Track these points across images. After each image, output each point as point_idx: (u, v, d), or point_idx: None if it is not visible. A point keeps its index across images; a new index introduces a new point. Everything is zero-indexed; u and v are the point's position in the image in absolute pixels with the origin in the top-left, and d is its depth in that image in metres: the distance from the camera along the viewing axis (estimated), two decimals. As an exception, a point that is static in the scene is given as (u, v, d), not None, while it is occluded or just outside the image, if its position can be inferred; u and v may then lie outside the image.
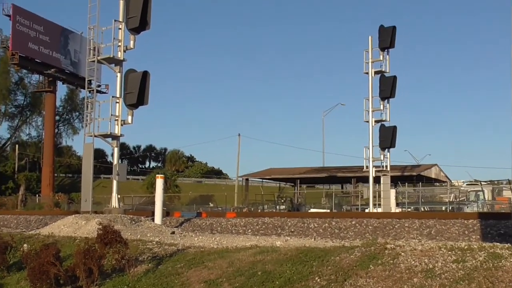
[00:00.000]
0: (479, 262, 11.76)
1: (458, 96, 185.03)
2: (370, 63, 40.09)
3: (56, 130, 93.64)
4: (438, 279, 11.38)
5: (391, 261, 12.38)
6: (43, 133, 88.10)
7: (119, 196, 28.46)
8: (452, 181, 68.60)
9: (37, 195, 73.57)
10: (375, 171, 40.09)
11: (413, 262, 12.22)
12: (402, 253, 12.67)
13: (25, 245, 19.61)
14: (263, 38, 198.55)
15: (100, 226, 15.44)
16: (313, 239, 18.92)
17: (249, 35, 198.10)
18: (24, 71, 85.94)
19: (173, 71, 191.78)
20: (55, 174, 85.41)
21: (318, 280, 12.39)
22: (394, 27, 40.51)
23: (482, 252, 12.21)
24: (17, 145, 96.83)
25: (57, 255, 15.19)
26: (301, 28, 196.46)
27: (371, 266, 12.36)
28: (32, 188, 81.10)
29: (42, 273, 14.86)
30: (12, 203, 65.30)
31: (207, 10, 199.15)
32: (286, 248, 15.36)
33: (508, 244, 13.18)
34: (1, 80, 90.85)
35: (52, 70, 75.69)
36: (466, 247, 12.75)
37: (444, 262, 12.00)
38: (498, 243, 13.57)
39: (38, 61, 74.72)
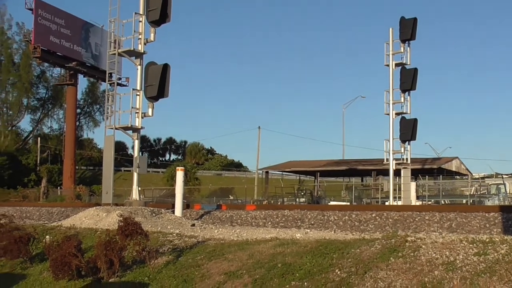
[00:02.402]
0: (500, 255, 11.70)
1: (479, 88, 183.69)
2: (390, 55, 39.86)
3: (77, 123, 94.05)
4: (459, 271, 11.33)
5: (412, 254, 12.35)
6: (65, 126, 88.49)
7: (139, 188, 28.56)
8: (473, 174, 68.14)
9: (58, 188, 73.93)
10: (396, 164, 39.87)
11: (434, 254, 12.18)
12: (423, 246, 12.63)
13: (47, 236, 19.77)
14: (283, 29, 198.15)
15: (121, 218, 15.53)
16: (333, 232, 18.89)
17: (270, 26, 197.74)
18: (46, 64, 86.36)
19: (193, 63, 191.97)
20: (76, 167, 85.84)
21: (339, 272, 12.38)
22: (415, 19, 40.23)
23: (504, 245, 12.14)
24: (39, 138, 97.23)
25: (78, 246, 15.30)
26: (322, 20, 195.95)
27: (391, 258, 12.33)
28: (54, 181, 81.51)
29: (64, 264, 14.97)
30: (34, 195, 65.79)
31: (226, 2, 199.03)
32: (306, 240, 15.36)
33: (531, 237, 13.10)
34: (24, 73, 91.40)
35: (73, 63, 76.01)
36: (487, 240, 12.69)
37: (465, 255, 11.95)
38: (519, 236, 13.48)
39: (60, 54, 75.04)
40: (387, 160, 39.96)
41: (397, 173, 40.49)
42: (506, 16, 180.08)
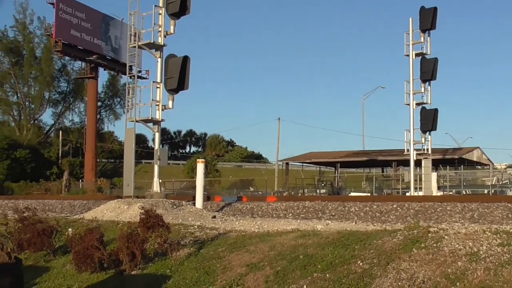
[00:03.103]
0: (525, 245, 11.57)
1: (500, 78, 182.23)
2: (410, 45, 39.72)
3: (98, 116, 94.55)
4: (483, 262, 11.25)
5: (435, 245, 12.27)
6: (86, 119, 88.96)
7: (160, 180, 28.67)
8: (495, 164, 67.80)
9: (80, 180, 74.44)
10: (416, 154, 39.78)
11: (457, 245, 12.10)
12: (446, 237, 12.56)
13: (69, 229, 19.89)
14: (302, 20, 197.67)
15: (143, 211, 15.59)
16: (354, 223, 18.84)
17: (288, 18, 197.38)
18: (67, 58, 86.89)
19: (213, 55, 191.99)
20: (98, 160, 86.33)
21: (361, 263, 12.34)
22: (435, 8, 40.06)
23: (528, 236, 12.02)
24: (60, 131, 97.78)
25: (100, 239, 15.38)
26: (342, 12, 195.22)
27: (414, 249, 12.27)
28: (76, 174, 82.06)
29: (87, 257, 15.05)
30: (56, 188, 66.30)
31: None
32: (327, 231, 15.34)
33: (555, 227, 13.01)
34: (45, 67, 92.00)
35: (94, 56, 76.41)
36: (511, 230, 12.59)
37: (489, 245, 11.86)
38: (543, 226, 13.39)
39: (80, 48, 75.46)
40: (408, 150, 39.88)
41: (417, 163, 40.39)
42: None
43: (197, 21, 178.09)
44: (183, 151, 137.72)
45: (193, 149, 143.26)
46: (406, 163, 44.09)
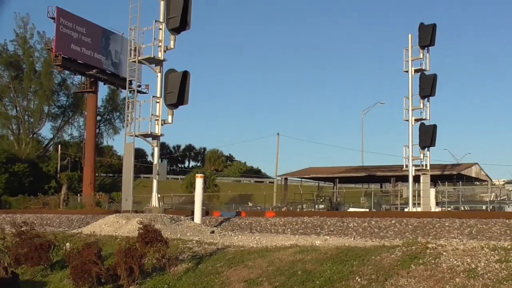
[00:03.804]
0: (523, 262, 11.61)
1: (498, 94, 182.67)
2: (410, 62, 39.86)
3: (98, 130, 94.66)
4: (480, 279, 11.31)
5: (433, 261, 12.34)
6: (85, 133, 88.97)
7: (159, 195, 28.65)
8: (493, 180, 67.84)
9: (78, 195, 74.33)
10: (415, 170, 39.82)
11: (455, 261, 12.17)
12: (444, 253, 12.62)
13: (67, 244, 19.87)
14: (301, 37, 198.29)
15: (141, 226, 15.59)
16: (352, 239, 18.89)
17: (287, 34, 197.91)
18: (67, 72, 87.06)
19: (213, 70, 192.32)
20: (96, 174, 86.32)
21: (359, 279, 12.38)
22: (434, 25, 40.27)
23: (526, 252, 12.07)
24: (59, 145, 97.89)
25: (98, 254, 15.37)
26: (341, 26, 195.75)
27: (412, 265, 12.32)
28: (74, 188, 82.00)
29: (84, 272, 15.05)
30: (54, 202, 66.20)
31: (248, 6, 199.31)
32: (325, 247, 15.36)
33: (552, 244, 13.04)
34: (45, 81, 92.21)
35: (94, 71, 76.60)
36: (509, 246, 12.68)
37: (487, 262, 11.92)
38: (541, 243, 13.43)
39: (80, 62, 75.67)
40: (406, 166, 39.92)
41: (416, 179, 40.42)
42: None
43: (198, 36, 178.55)
44: (182, 166, 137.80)
45: (192, 163, 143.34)
46: (404, 178, 44.16)
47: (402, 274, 12.10)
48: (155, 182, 28.44)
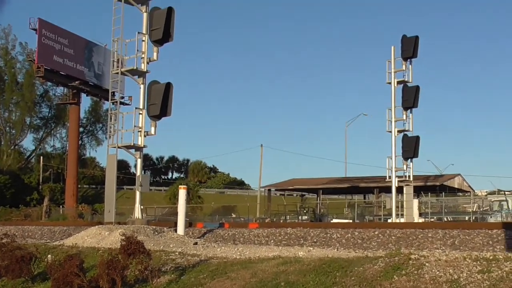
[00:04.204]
0: (505, 272, 11.70)
1: (480, 105, 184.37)
2: (392, 73, 40.15)
3: (80, 142, 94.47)
4: (463, 290, 11.35)
5: (416, 272, 12.35)
6: (67, 145, 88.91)
7: (142, 207, 28.55)
8: (475, 191, 68.34)
9: (61, 206, 74.15)
10: (398, 181, 40.02)
11: (437, 272, 12.19)
12: (427, 264, 12.63)
13: (49, 256, 19.73)
14: (285, 49, 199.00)
15: (124, 237, 15.52)
16: (336, 250, 18.89)
17: (272, 46, 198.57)
18: (49, 83, 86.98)
19: (196, 81, 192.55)
20: (79, 185, 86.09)
21: (342, 291, 12.38)
22: (417, 37, 40.59)
23: (508, 263, 12.15)
24: (41, 157, 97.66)
25: (80, 266, 15.29)
26: (324, 38, 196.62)
27: (395, 276, 12.33)
28: (56, 199, 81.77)
29: (66, 284, 14.96)
30: (36, 214, 65.95)
31: (229, 21, 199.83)
32: (309, 258, 15.35)
33: (534, 254, 13.09)
34: (27, 92, 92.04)
35: (76, 82, 76.56)
36: (491, 257, 12.69)
37: (469, 272, 11.95)
38: (523, 254, 13.46)
39: (63, 73, 75.62)
40: (390, 177, 40.09)
41: (399, 190, 40.62)
42: (508, 29, 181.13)
43: (181, 48, 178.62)
44: (166, 177, 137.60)
45: (176, 175, 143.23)
46: (388, 189, 44.35)
47: (385, 285, 12.11)
48: (138, 194, 28.34)
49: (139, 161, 28.53)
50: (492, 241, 21.27)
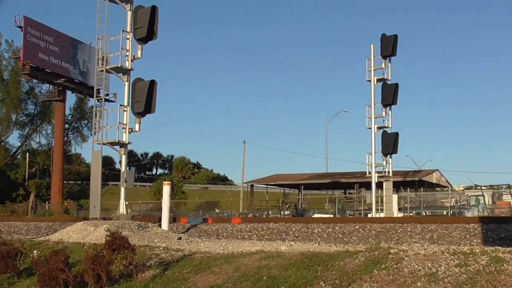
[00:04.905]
0: (481, 266, 11.89)
1: (458, 102, 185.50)
2: (372, 71, 40.45)
3: (66, 138, 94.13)
4: (441, 283, 11.48)
5: (395, 266, 12.50)
6: (53, 141, 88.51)
7: (127, 202, 28.68)
8: (453, 186, 68.79)
9: (47, 202, 73.94)
10: (378, 176, 40.29)
11: (416, 266, 12.33)
12: (406, 258, 12.77)
13: (35, 251, 19.82)
14: (267, 46, 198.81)
15: (108, 233, 15.63)
16: (317, 244, 19.00)
17: (254, 43, 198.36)
18: (35, 80, 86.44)
19: (179, 79, 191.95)
20: (65, 181, 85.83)
21: (323, 284, 12.52)
22: (395, 36, 40.92)
23: (485, 256, 12.36)
24: (27, 153, 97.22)
25: (66, 261, 15.38)
26: (306, 36, 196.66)
27: (375, 270, 12.47)
28: (42, 195, 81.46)
29: (52, 279, 15.05)
30: (22, 210, 65.75)
31: (213, 19, 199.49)
32: (291, 253, 15.49)
33: (510, 248, 13.27)
34: (12, 89, 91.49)
35: (62, 79, 76.36)
36: (468, 251, 12.83)
37: (447, 266, 12.09)
38: (500, 247, 13.68)
39: (48, 71, 75.42)
40: (369, 173, 40.37)
41: (379, 185, 40.89)
42: (485, 28, 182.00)
43: (165, 45, 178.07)
44: (150, 173, 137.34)
45: (160, 171, 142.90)
46: (368, 185, 44.56)
47: (365, 279, 12.25)
48: (122, 190, 28.45)
49: (123, 157, 28.64)
50: (469, 235, 21.57)
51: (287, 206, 55.03)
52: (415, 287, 11.60)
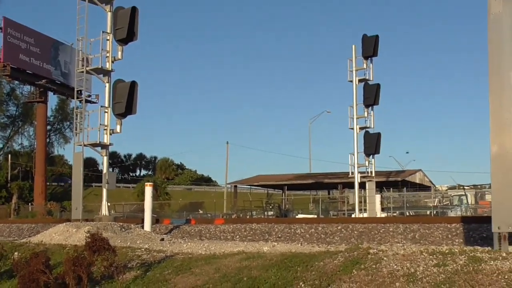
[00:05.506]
0: (459, 265, 11.94)
1: (440, 102, 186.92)
2: (354, 72, 40.66)
3: (48, 140, 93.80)
4: (419, 283, 11.53)
5: (374, 266, 12.54)
6: (35, 143, 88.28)
7: (109, 204, 28.63)
8: (436, 186, 69.24)
9: (29, 204, 73.79)
10: (361, 177, 40.47)
11: (395, 266, 12.37)
12: (385, 258, 12.82)
13: (15, 253, 19.78)
14: (250, 48, 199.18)
15: (89, 234, 15.64)
16: (300, 245, 19.02)
17: (237, 45, 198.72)
18: (16, 82, 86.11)
19: (162, 80, 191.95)
20: (47, 183, 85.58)
21: (302, 285, 12.56)
22: (377, 36, 41.11)
23: (463, 256, 12.42)
24: (9, 155, 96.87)
25: (46, 263, 15.35)
26: (288, 37, 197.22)
27: (354, 271, 12.51)
28: (25, 197, 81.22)
29: (32, 281, 15.03)
30: (5, 212, 65.61)
31: (194, 20, 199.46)
32: (272, 253, 15.52)
33: (489, 247, 13.40)
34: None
35: (43, 81, 76.20)
36: (447, 251, 12.90)
37: (425, 266, 12.14)
38: (478, 247, 13.75)
39: (29, 72, 75.24)
40: (352, 173, 40.51)
41: (362, 185, 41.07)
42: (463, 25, 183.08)
43: (146, 47, 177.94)
44: (134, 175, 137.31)
45: (144, 172, 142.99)
46: (351, 185, 44.80)
47: (344, 279, 12.30)
48: (104, 191, 28.41)
49: (105, 158, 28.59)
50: (451, 235, 21.66)
51: (271, 207, 55.19)
52: (394, 287, 11.66)
